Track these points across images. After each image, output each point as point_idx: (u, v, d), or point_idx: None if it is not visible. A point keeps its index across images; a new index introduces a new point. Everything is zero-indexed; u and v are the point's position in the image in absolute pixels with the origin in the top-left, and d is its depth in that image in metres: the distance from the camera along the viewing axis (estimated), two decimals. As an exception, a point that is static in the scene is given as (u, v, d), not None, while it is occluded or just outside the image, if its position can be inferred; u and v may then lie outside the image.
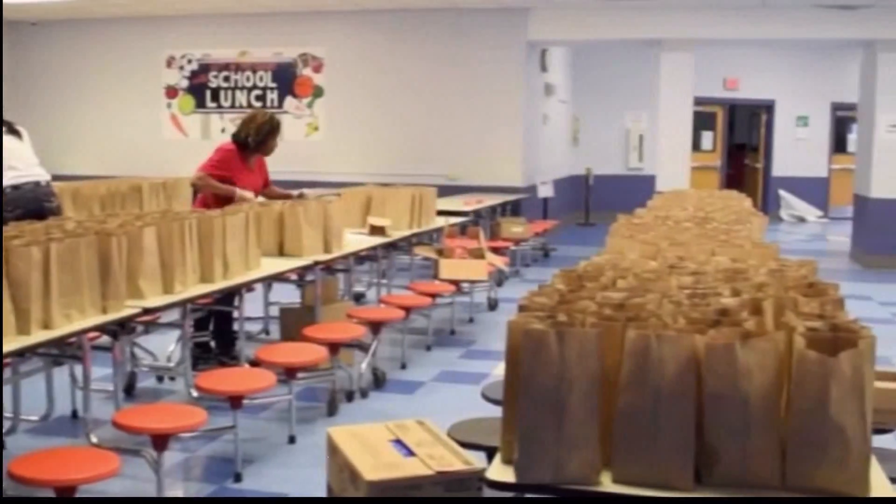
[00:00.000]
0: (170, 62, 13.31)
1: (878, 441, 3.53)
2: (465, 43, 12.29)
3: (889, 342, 7.58)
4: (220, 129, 13.02)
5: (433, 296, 6.75)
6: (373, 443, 2.54)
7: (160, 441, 3.73)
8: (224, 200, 5.96)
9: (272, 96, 13.00)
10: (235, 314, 5.58)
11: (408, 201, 7.22)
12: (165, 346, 5.98)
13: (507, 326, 2.16)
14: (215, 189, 6.04)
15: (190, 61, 13.26)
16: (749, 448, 2.02)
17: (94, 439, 4.02)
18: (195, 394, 4.65)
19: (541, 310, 2.33)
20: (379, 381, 5.89)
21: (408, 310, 6.27)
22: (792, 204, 17.66)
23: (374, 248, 6.68)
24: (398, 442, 2.55)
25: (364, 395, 5.67)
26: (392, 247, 7.12)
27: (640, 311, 2.30)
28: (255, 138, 6.24)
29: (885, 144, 11.64)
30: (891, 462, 3.40)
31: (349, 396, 5.58)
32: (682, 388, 2.02)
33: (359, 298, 8.03)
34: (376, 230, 6.70)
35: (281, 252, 5.66)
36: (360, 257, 7.04)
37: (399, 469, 2.37)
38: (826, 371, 1.97)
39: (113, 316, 3.89)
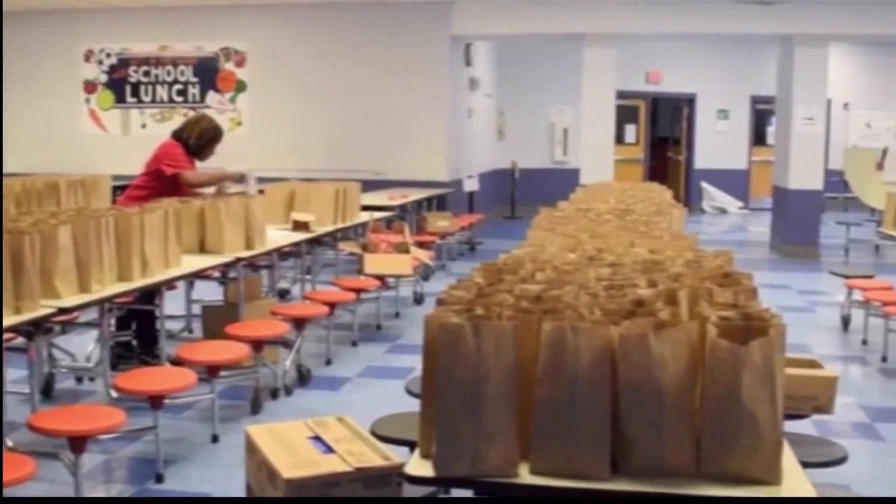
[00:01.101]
0: (88, 56, 13.04)
1: (795, 427, 3.62)
2: (389, 37, 12.26)
3: (807, 330, 7.82)
4: (140, 124, 12.80)
5: (358, 291, 6.72)
6: (291, 440, 2.52)
7: (77, 443, 3.65)
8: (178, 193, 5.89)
9: (194, 91, 12.82)
10: (157, 313, 5.48)
11: (332, 196, 7.17)
12: (85, 346, 5.86)
13: (424, 321, 2.15)
14: (211, 178, 6.08)
15: (109, 55, 13.00)
16: (664, 437, 2.04)
17: (9, 443, 3.93)
18: (115, 394, 4.56)
19: (458, 303, 2.33)
20: (303, 378, 5.85)
21: (332, 305, 6.23)
22: (714, 196, 17.97)
23: (297, 243, 6.63)
24: (317, 439, 2.53)
25: (289, 392, 5.63)
26: (316, 242, 7.07)
27: (557, 303, 2.31)
28: (197, 142, 6.18)
29: (802, 137, 11.91)
30: (804, 447, 3.48)
31: (273, 394, 5.53)
32: (597, 378, 2.04)
33: (283, 295, 7.97)
34: (300, 226, 6.65)
35: (202, 249, 5.58)
36: (283, 253, 6.97)
37: (317, 466, 2.35)
38: (737, 359, 2.00)
39: (27, 316, 3.80)
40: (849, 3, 11.59)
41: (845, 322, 7.73)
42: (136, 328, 5.99)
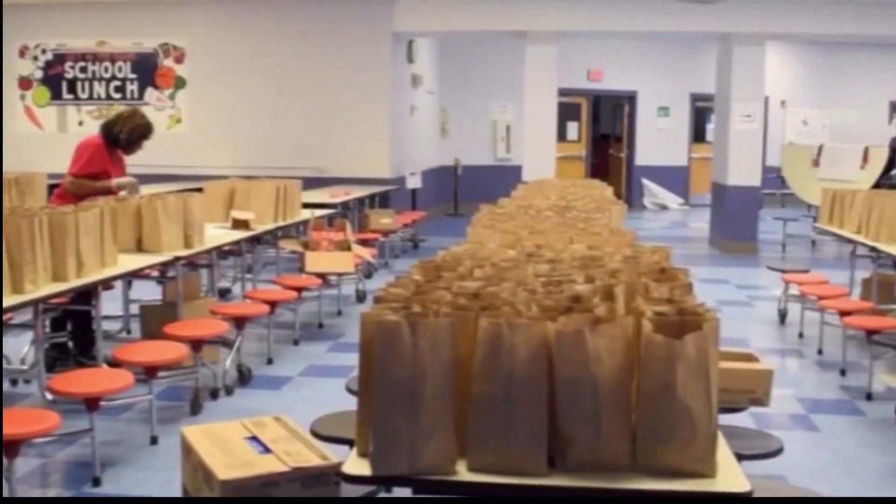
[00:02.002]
0: (23, 52, 12.80)
1: (733, 419, 3.66)
2: (331, 33, 12.20)
3: (745, 324, 7.93)
4: (77, 121, 12.60)
5: (299, 289, 6.67)
6: (228, 441, 2.49)
7: (11, 447, 3.57)
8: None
9: (132, 87, 12.64)
10: (93, 313, 5.39)
11: (272, 194, 7.12)
12: (20, 348, 5.75)
13: (361, 319, 2.14)
14: (93, 190, 5.83)
15: (44, 51, 12.77)
16: (600, 432, 2.05)
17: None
18: (50, 397, 4.47)
19: (396, 301, 2.31)
20: (244, 378, 5.80)
21: (273, 304, 6.18)
22: (654, 192, 18.16)
23: (237, 242, 6.56)
24: (254, 439, 2.50)
25: (229, 392, 5.57)
26: (257, 241, 7.02)
27: (495, 299, 2.31)
28: (128, 137, 6.08)
29: (740, 134, 12.09)
30: (742, 439, 3.52)
31: (214, 394, 5.47)
32: (533, 374, 2.04)
33: (224, 294, 7.89)
34: (239, 224, 6.59)
35: (140, 248, 5.50)
36: (224, 252, 6.90)
37: (254, 467, 2.33)
38: (671, 354, 2.01)
39: (-44, 318, 3.71)
40: (785, 3, 11.80)
41: (782, 316, 7.86)
42: (71, 329, 5.88)
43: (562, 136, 15.45)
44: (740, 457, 3.19)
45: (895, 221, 6.74)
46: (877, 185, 12.07)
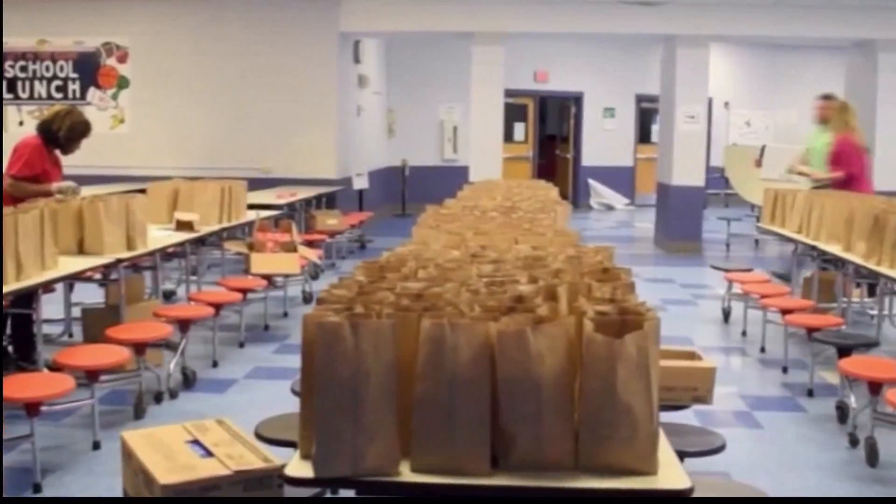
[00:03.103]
0: (-40, 51, 12.54)
1: (677, 417, 3.70)
2: (277, 33, 12.13)
3: (689, 322, 8.02)
4: (17, 121, 12.37)
5: (245, 291, 6.62)
6: (169, 445, 2.46)
7: (-52, 454, 3.50)
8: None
9: (74, 87, 12.45)
10: (34, 316, 5.29)
11: (217, 195, 7.06)
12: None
13: (303, 320, 2.13)
14: (31, 193, 5.70)
15: (-17, 50, 12.52)
16: (543, 431, 2.05)
17: None
18: (-13, 402, 4.38)
19: (339, 302, 2.30)
20: (189, 381, 5.73)
21: (218, 306, 6.13)
22: (601, 192, 18.30)
23: (181, 243, 6.49)
24: (196, 443, 2.47)
25: (173, 395, 5.51)
26: (201, 242, 6.94)
27: (438, 300, 2.31)
28: (67, 135, 5.98)
29: (684, 135, 12.22)
30: (685, 437, 3.56)
31: (157, 398, 5.41)
32: (476, 375, 2.04)
33: (169, 296, 7.80)
34: (183, 225, 6.52)
35: (81, 250, 5.42)
36: (168, 254, 6.83)
37: (195, 471, 2.30)
38: (612, 353, 2.03)
39: None
40: (729, 5, 11.96)
41: (726, 314, 7.96)
42: (11, 333, 5.77)
43: (508, 136, 15.50)
44: (684, 454, 3.23)
45: (835, 221, 6.85)
46: (817, 185, 12.27)
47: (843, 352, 5.28)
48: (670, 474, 2.11)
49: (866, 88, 12.67)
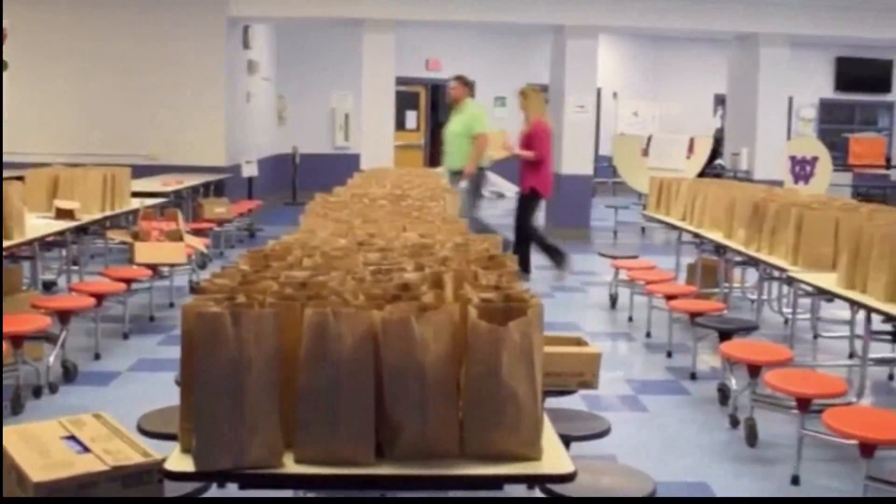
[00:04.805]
0: None
1: (565, 402, 3.75)
2: (163, 17, 11.84)
3: (578, 309, 8.13)
4: None
5: (129, 281, 6.44)
6: (43, 441, 2.36)
7: None
8: None
9: (-54, 70, 11.91)
10: None
11: (99, 183, 6.85)
12: None
13: (182, 310, 2.07)
14: None
15: None
16: (428, 418, 2.05)
17: None
18: None
19: (220, 292, 2.25)
20: (70, 374, 5.56)
21: (100, 297, 5.95)
22: (492, 181, 18.40)
23: (62, 232, 6.29)
24: (72, 438, 2.38)
25: (53, 390, 5.33)
26: (83, 231, 6.73)
27: (322, 289, 2.28)
28: None
29: (574, 124, 12.40)
30: (572, 422, 3.61)
31: (37, 392, 5.22)
32: (360, 364, 2.02)
33: (49, 287, 7.55)
34: (63, 214, 6.31)
35: (-48, 240, 5.19)
36: (47, 243, 6.60)
37: (70, 467, 2.22)
38: (496, 339, 2.03)
39: None
40: (616, -3, 12.17)
41: (613, 300, 8.10)
42: None
43: (400, 124, 15.48)
44: (570, 438, 3.28)
45: (717, 209, 7.04)
46: (701, 174, 12.62)
47: (725, 336, 5.43)
48: (554, 459, 2.13)
49: (748, 81, 13.06)
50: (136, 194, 7.73)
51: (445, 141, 9.49)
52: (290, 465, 2.05)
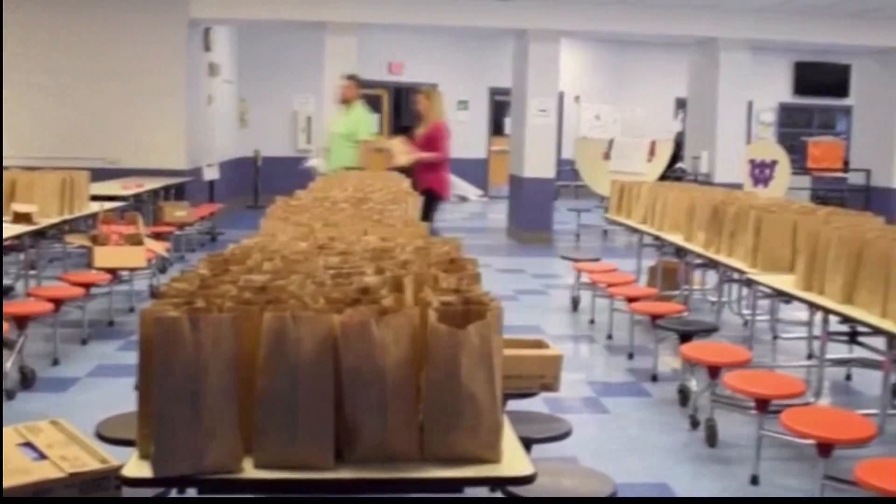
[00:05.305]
0: None
1: (527, 405, 3.76)
2: (123, 19, 11.74)
3: (540, 312, 8.17)
4: None
5: (87, 286, 6.38)
6: (-2, 448, 2.34)
7: None
8: None
9: None
10: None
11: (57, 186, 6.78)
12: None
13: (139, 315, 2.06)
14: None
15: None
16: (387, 422, 2.04)
17: None
18: None
19: (179, 296, 2.24)
20: (27, 381, 5.49)
21: (59, 302, 5.89)
22: (455, 184, 18.39)
23: (19, 236, 6.21)
24: (28, 445, 2.36)
25: (10, 396, 5.27)
26: (41, 235, 6.66)
27: (282, 293, 2.27)
28: None
29: (536, 128, 12.45)
30: (533, 424, 3.63)
31: (-7, 398, 5.16)
32: (319, 367, 2.01)
33: (7, 292, 7.45)
34: (21, 217, 6.24)
35: None
36: (4, 247, 6.52)
37: (27, 474, 2.20)
38: (455, 342, 2.03)
39: None
40: (579, 1, 12.22)
41: (575, 303, 8.15)
42: None
43: (363, 128, 15.41)
44: (531, 441, 3.29)
45: (678, 212, 7.10)
46: (662, 177, 12.71)
47: (685, 338, 5.48)
48: (514, 461, 2.13)
49: (708, 85, 13.19)
50: (95, 198, 7.66)
51: (328, 139, 9.47)
52: (250, 470, 2.04)
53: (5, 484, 2.16)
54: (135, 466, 2.05)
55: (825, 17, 12.78)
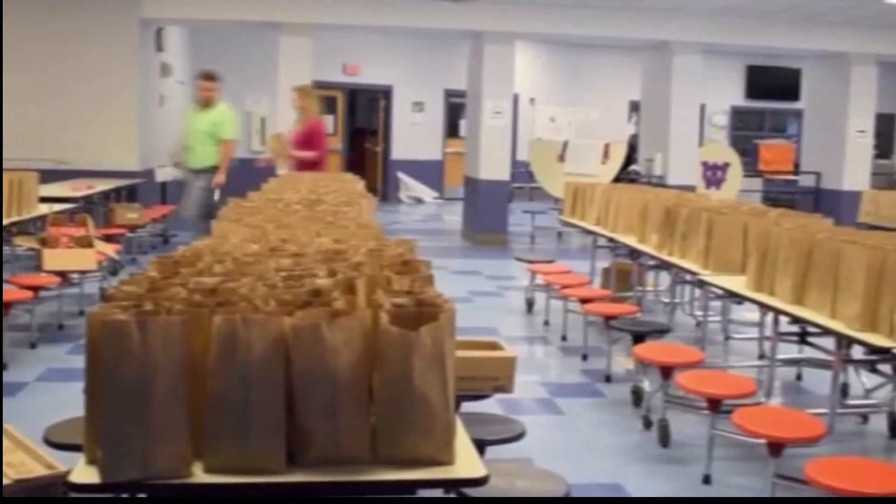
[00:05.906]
0: None
1: (481, 406, 3.76)
2: (74, 18, 11.58)
3: (495, 313, 8.18)
4: None
5: (36, 289, 6.28)
6: (-59, 454, 2.29)
7: None
8: None
9: None
10: None
11: (4, 187, 6.65)
12: None
13: (86, 318, 2.02)
14: None
15: None
16: (340, 425, 2.03)
17: None
18: None
19: (127, 299, 2.20)
20: (-26, 385, 5.40)
21: (7, 305, 5.79)
22: (410, 186, 18.44)
23: (-35, 239, 6.11)
24: (-28, 451, 2.32)
25: (-44, 401, 5.17)
26: (-12, 237, 6.54)
27: (232, 295, 2.25)
28: None
29: (491, 130, 12.48)
30: (487, 425, 3.63)
31: (-62, 404, 5.06)
32: (270, 371, 2.00)
33: (-48, 295, 7.32)
34: (-33, 219, 6.13)
35: None
36: (-50, 250, 6.41)
37: (-30, 481, 2.16)
38: (408, 344, 2.02)
39: None
40: (533, 4, 12.28)
41: (529, 305, 8.17)
42: None
43: (318, 129, 15.33)
44: (485, 442, 3.29)
45: (631, 214, 7.15)
46: (617, 179, 12.80)
47: (638, 338, 5.52)
48: (467, 463, 2.13)
49: (661, 88, 13.31)
50: (44, 199, 7.54)
51: (187, 136, 9.41)
52: (200, 475, 2.01)
53: (-52, 491, 2.12)
54: (82, 472, 2.02)
55: (777, 22, 12.95)
